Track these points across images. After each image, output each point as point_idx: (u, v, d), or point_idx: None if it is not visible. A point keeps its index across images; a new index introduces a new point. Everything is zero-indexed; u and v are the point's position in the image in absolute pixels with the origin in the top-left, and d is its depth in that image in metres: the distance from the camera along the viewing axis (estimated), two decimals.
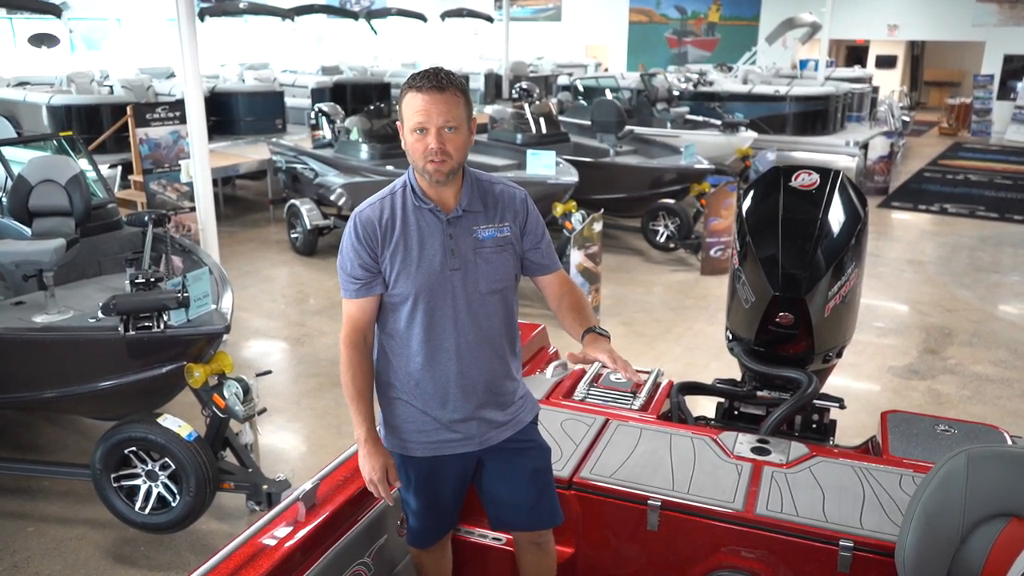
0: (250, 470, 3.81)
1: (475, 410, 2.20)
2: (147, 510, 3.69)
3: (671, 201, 8.57)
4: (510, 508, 2.34)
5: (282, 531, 2.08)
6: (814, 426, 3.20)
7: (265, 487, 3.67)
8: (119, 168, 7.97)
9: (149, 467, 3.69)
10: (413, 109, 2.02)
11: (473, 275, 2.12)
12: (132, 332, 3.56)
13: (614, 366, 2.02)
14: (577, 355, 2.08)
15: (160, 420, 3.60)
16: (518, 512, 2.34)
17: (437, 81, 2.01)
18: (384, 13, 18.04)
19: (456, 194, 2.13)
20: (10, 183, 4.69)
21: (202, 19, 12.06)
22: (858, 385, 5.49)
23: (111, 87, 11.56)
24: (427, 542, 2.39)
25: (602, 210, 7.16)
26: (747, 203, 3.11)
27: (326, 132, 8.87)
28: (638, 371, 3.41)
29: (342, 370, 2.16)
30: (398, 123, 2.12)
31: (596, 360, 2.06)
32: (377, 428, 2.24)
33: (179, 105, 7.18)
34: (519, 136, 8.99)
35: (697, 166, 8.67)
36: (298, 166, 8.85)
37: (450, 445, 2.21)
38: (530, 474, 2.30)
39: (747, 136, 10.99)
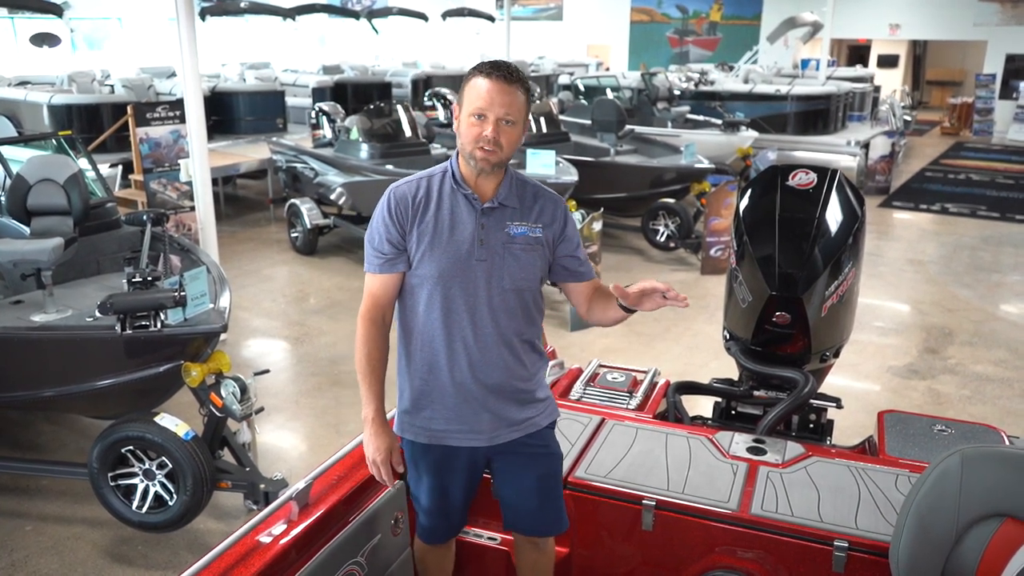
0: (247, 469, 3.81)
1: (487, 404, 2.18)
2: (144, 509, 3.68)
3: (671, 200, 8.56)
4: (516, 511, 2.34)
5: (275, 530, 2.08)
6: (811, 426, 3.20)
7: (262, 486, 3.67)
8: (119, 167, 7.99)
9: (146, 466, 3.69)
10: (477, 94, 2.02)
11: (499, 269, 2.11)
12: (129, 331, 3.56)
13: (666, 287, 2.04)
14: (624, 288, 2.09)
15: (157, 419, 3.60)
16: (523, 515, 2.34)
17: (507, 72, 2.03)
18: (385, 12, 18.02)
19: (495, 187, 2.14)
20: (9, 182, 4.69)
21: (203, 18, 12.06)
22: (858, 385, 5.48)
23: (112, 86, 11.56)
24: (435, 539, 2.39)
25: (602, 209, 7.15)
26: (744, 202, 3.10)
27: (326, 131, 8.87)
28: (635, 371, 3.44)
29: (357, 345, 2.15)
30: (454, 105, 2.12)
31: (645, 288, 2.05)
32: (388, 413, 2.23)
33: (179, 104, 7.18)
34: None
35: (697, 165, 8.66)
36: (298, 165, 8.85)
37: (458, 436, 2.20)
38: (537, 480, 2.29)
39: (748, 135, 10.98)
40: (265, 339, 6.36)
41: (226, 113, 11.42)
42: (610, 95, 12.07)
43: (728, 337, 3.21)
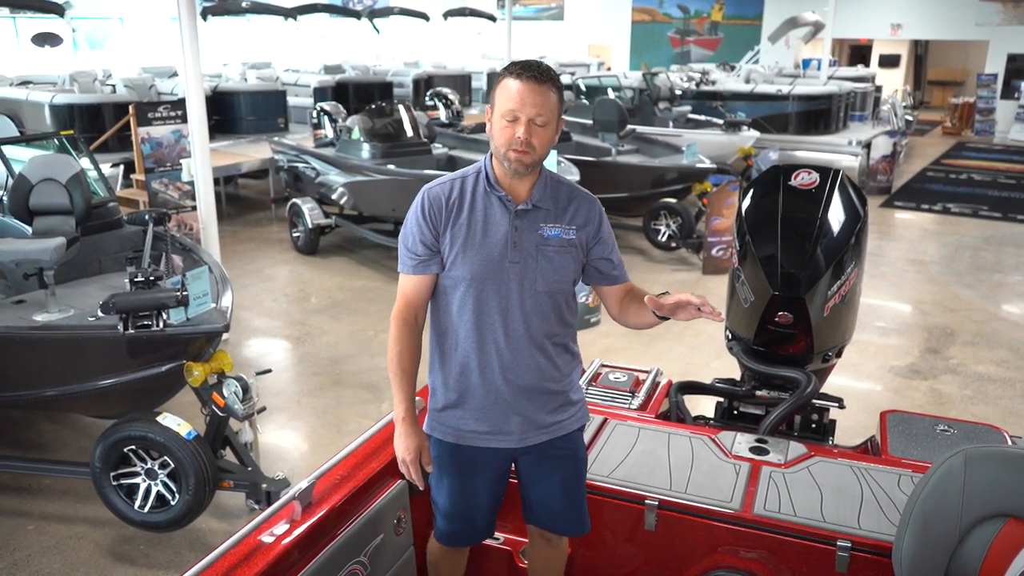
0: (249, 469, 3.81)
1: (517, 407, 2.17)
2: (146, 508, 3.68)
3: (673, 200, 8.56)
4: (539, 508, 2.34)
5: (278, 529, 2.08)
6: (813, 426, 3.20)
7: (264, 486, 3.67)
8: (121, 167, 7.99)
9: (148, 466, 3.69)
10: (508, 95, 2.01)
11: (532, 272, 2.10)
12: (131, 331, 3.56)
13: (701, 301, 2.00)
14: (658, 299, 2.05)
15: (159, 419, 3.60)
16: (546, 514, 2.34)
17: (537, 72, 2.01)
18: (386, 12, 18.04)
19: (530, 188, 2.13)
20: (11, 182, 4.70)
21: (204, 18, 12.05)
22: (859, 385, 5.48)
23: (114, 86, 11.57)
24: (454, 542, 2.38)
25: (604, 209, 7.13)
26: (747, 202, 3.10)
27: (328, 131, 8.87)
28: (637, 371, 3.44)
29: (390, 345, 2.15)
30: (487, 107, 2.11)
31: (681, 301, 2.02)
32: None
33: (181, 104, 7.18)
34: None
35: (699, 165, 8.66)
36: (300, 165, 8.85)
37: (487, 437, 2.20)
38: (562, 481, 2.29)
39: (749, 135, 10.98)
40: (267, 339, 6.36)
41: (228, 113, 11.43)
42: (611, 95, 12.05)
43: (730, 337, 3.21)
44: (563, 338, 2.22)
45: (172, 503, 3.65)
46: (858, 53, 24.59)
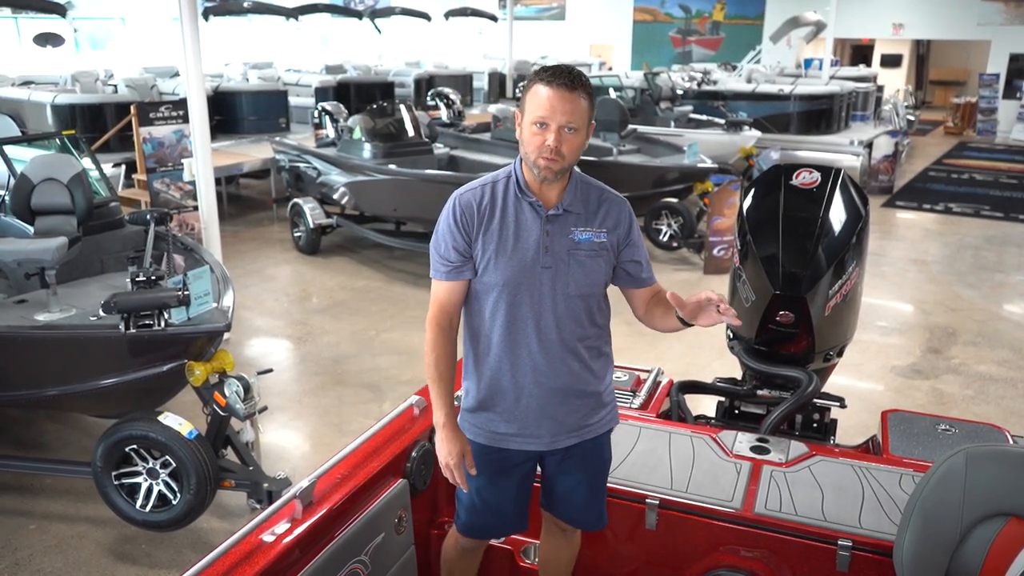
0: (251, 468, 3.81)
1: (549, 411, 2.18)
2: (148, 508, 3.68)
3: (674, 200, 8.56)
4: (561, 500, 2.35)
5: (279, 528, 2.08)
6: (815, 425, 3.20)
7: (266, 485, 3.67)
8: (123, 167, 8.01)
9: (150, 465, 3.69)
10: (538, 102, 2.00)
11: (564, 276, 2.11)
12: (133, 330, 3.56)
13: (719, 299, 2.00)
14: (682, 298, 2.04)
15: (161, 418, 3.60)
16: (567, 506, 2.36)
17: (568, 79, 1.99)
18: (388, 12, 18.05)
19: (560, 193, 2.12)
20: (13, 181, 4.70)
21: (206, 18, 12.08)
22: (861, 384, 5.47)
23: (115, 86, 11.58)
24: (476, 534, 2.39)
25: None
26: (748, 202, 3.10)
27: (329, 131, 8.87)
28: (638, 370, 3.44)
29: (426, 351, 2.15)
30: (516, 112, 2.10)
31: (700, 300, 2.02)
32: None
33: (182, 104, 7.18)
34: None
35: (700, 165, 8.66)
36: (301, 165, 8.85)
37: (518, 440, 2.21)
38: (586, 478, 2.30)
39: (751, 135, 10.98)
40: (268, 338, 6.36)
41: (229, 113, 11.43)
42: (613, 95, 12.05)
43: (731, 336, 3.21)
44: (596, 340, 2.22)
45: (173, 502, 3.65)
46: (860, 53, 24.56)
